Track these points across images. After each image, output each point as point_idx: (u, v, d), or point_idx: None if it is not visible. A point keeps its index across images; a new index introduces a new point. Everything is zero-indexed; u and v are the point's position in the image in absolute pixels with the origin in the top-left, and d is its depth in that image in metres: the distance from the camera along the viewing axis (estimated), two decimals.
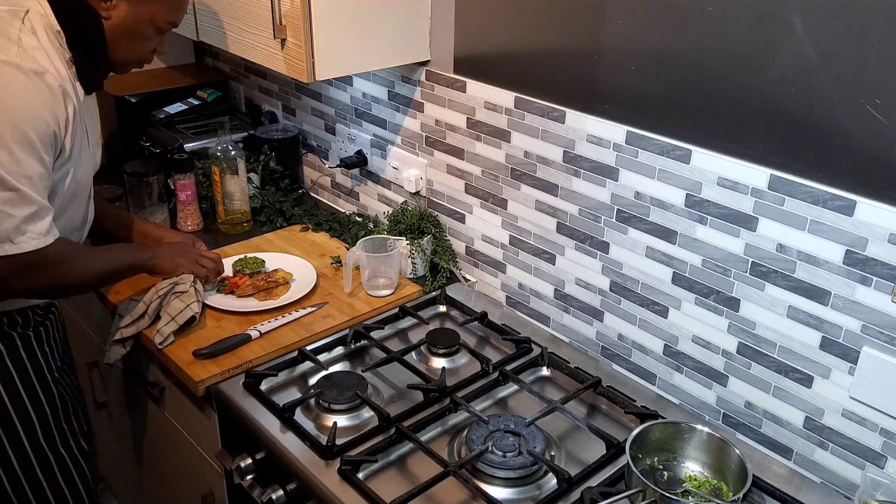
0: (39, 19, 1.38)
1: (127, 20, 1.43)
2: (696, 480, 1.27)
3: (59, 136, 1.36)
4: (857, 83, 1.12)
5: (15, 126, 1.28)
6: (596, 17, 1.42)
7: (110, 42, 1.45)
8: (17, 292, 1.43)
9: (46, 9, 1.39)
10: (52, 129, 1.34)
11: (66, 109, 1.37)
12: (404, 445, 1.34)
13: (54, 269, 1.40)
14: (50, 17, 1.39)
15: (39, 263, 1.36)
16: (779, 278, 1.29)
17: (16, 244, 1.31)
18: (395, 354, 1.54)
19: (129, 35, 1.45)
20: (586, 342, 1.65)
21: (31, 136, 1.30)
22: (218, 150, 2.00)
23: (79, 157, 1.45)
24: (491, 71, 1.65)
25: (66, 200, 1.46)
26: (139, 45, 1.49)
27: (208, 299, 1.67)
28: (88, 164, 1.52)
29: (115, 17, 1.42)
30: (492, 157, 1.71)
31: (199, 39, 1.91)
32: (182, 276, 1.62)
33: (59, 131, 1.36)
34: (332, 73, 1.64)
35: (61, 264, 1.41)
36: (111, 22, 1.42)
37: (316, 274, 1.80)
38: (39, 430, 1.56)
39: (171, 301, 1.58)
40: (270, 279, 1.74)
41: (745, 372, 1.38)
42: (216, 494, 1.66)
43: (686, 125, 1.34)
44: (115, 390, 2.00)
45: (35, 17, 1.38)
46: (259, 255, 1.84)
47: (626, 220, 1.49)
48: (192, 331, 1.61)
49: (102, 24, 1.42)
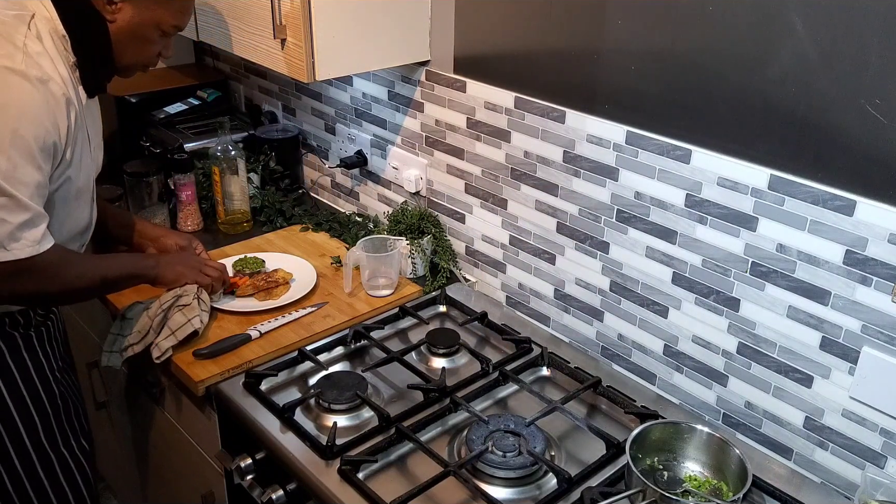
0: (45, 23, 1.37)
1: (132, 24, 1.43)
2: (696, 480, 1.27)
3: (59, 145, 1.36)
4: (857, 83, 1.12)
5: (15, 132, 1.28)
6: (596, 17, 1.42)
7: (115, 46, 1.44)
8: (9, 299, 1.42)
9: (52, 13, 1.38)
10: (53, 139, 1.34)
11: (68, 118, 1.37)
12: (404, 445, 1.34)
13: (47, 275, 1.38)
14: (55, 21, 1.38)
15: (32, 270, 1.35)
16: (779, 278, 1.29)
17: (9, 251, 1.30)
18: (395, 354, 1.54)
19: (134, 39, 1.45)
20: (586, 342, 1.65)
21: (31, 144, 1.30)
22: (218, 150, 2.00)
23: (79, 162, 1.44)
24: (491, 71, 1.65)
25: (69, 205, 1.46)
26: (144, 48, 1.48)
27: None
28: (89, 167, 1.51)
29: (121, 20, 1.42)
30: (492, 157, 1.71)
31: (199, 39, 1.91)
32: (186, 287, 1.60)
33: (60, 141, 1.36)
34: (332, 73, 1.64)
35: (54, 270, 1.40)
36: (116, 25, 1.42)
37: (316, 274, 1.80)
38: (41, 429, 1.56)
39: (173, 314, 1.55)
40: (270, 279, 1.74)
41: (745, 372, 1.38)
42: (216, 494, 1.66)
43: (686, 125, 1.34)
44: (115, 390, 2.00)
45: (41, 21, 1.37)
46: (259, 255, 1.84)
47: (626, 220, 1.49)
48: None
49: (107, 27, 1.42)
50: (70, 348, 1.73)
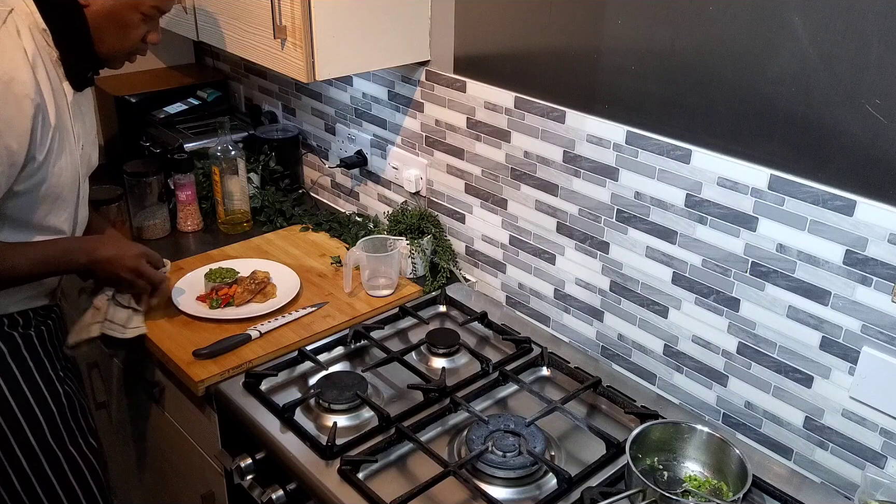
0: (24, 18, 1.35)
1: (108, 7, 1.39)
2: (696, 480, 1.27)
3: (13, 149, 1.32)
4: (857, 83, 1.12)
5: None
6: (596, 17, 1.42)
7: (95, 33, 1.41)
8: None
9: (31, 7, 1.36)
10: (5, 141, 1.30)
11: (34, 119, 1.33)
12: (404, 445, 1.34)
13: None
14: (35, 14, 1.36)
15: None
16: (779, 278, 1.29)
17: None
18: (395, 354, 1.54)
19: (114, 24, 1.41)
20: (586, 342, 1.65)
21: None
22: (218, 150, 2.00)
23: (56, 161, 1.41)
24: (491, 71, 1.65)
25: (47, 204, 1.44)
26: (125, 33, 1.44)
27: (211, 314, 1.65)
28: (72, 166, 1.47)
29: (96, 4, 1.38)
30: (492, 157, 1.71)
31: (199, 39, 1.91)
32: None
33: (17, 144, 1.32)
34: (332, 73, 1.64)
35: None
36: (92, 10, 1.39)
37: (289, 269, 1.80)
38: (47, 429, 1.55)
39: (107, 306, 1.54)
40: (255, 280, 1.73)
41: (745, 372, 1.38)
42: (216, 494, 1.66)
43: (686, 125, 1.34)
44: (115, 390, 2.00)
45: (20, 16, 1.35)
46: (223, 264, 1.81)
47: (626, 220, 1.49)
48: (192, 331, 1.61)
49: (84, 13, 1.39)
50: None
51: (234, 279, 1.74)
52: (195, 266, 1.83)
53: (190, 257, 1.91)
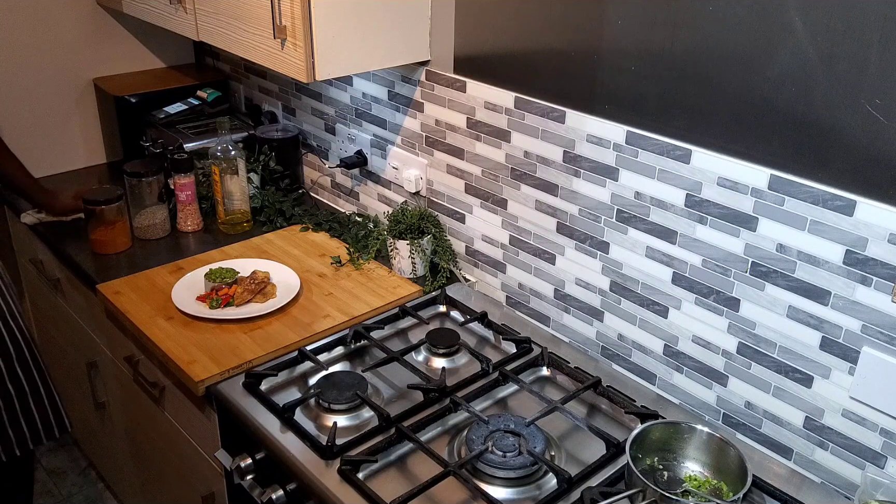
0: None
1: None
2: (696, 480, 1.27)
3: None
4: (857, 83, 1.12)
5: None
6: (596, 17, 1.42)
7: None
8: None
9: None
10: None
11: None
12: (404, 445, 1.34)
13: None
14: None
15: None
16: (779, 278, 1.29)
17: None
18: (395, 354, 1.54)
19: None
20: (586, 342, 1.65)
21: None
22: (218, 150, 2.00)
23: None
24: (491, 71, 1.65)
25: None
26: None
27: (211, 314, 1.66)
28: None
29: None
30: (492, 157, 1.71)
31: (199, 39, 1.91)
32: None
33: None
34: (332, 73, 1.64)
35: None
36: None
37: (289, 269, 1.81)
38: None
39: None
40: (256, 280, 1.73)
41: (745, 372, 1.38)
42: (216, 494, 1.66)
43: (686, 125, 1.34)
44: (115, 390, 2.00)
45: None
46: (223, 264, 1.82)
47: (626, 220, 1.49)
48: (192, 331, 1.61)
49: None
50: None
51: (234, 279, 1.74)
52: (195, 266, 1.83)
53: (190, 257, 1.91)
